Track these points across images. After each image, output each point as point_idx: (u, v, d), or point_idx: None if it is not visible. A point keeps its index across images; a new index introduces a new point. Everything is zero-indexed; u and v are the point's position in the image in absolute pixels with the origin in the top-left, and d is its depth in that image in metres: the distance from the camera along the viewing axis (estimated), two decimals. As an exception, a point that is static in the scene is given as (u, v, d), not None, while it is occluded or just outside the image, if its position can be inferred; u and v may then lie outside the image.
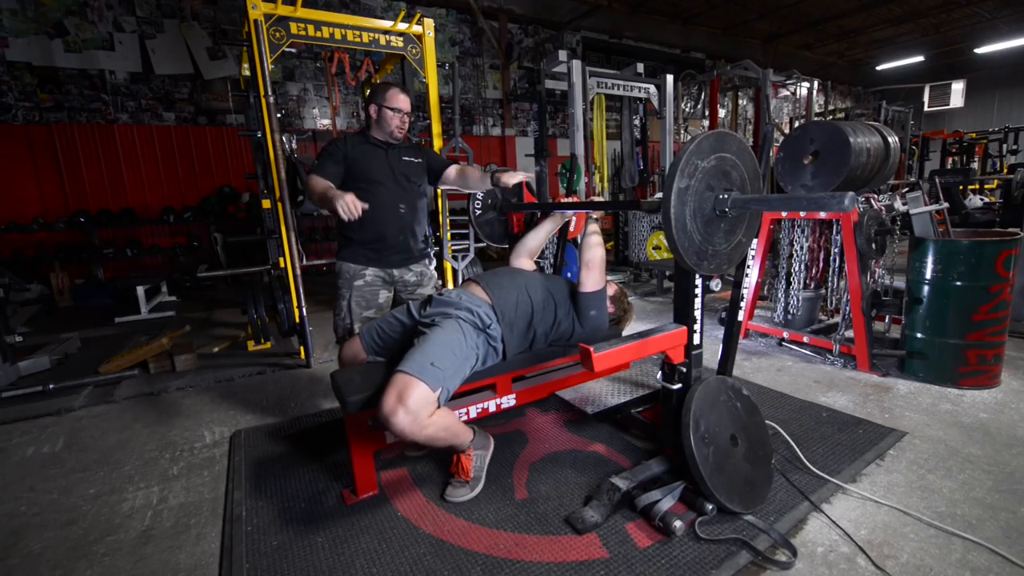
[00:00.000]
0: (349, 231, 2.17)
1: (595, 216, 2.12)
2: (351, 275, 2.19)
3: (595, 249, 1.95)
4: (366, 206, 1.91)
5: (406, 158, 2.25)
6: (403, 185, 2.24)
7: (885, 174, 3.10)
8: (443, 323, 1.74)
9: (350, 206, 1.86)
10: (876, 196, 3.09)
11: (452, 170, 2.35)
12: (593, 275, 1.93)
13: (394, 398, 1.51)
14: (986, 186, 9.55)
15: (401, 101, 2.16)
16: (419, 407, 1.52)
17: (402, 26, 3.26)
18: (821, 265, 3.30)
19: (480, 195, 2.53)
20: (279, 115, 3.02)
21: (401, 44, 3.31)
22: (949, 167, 10.77)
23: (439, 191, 3.65)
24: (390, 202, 2.19)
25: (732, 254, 1.55)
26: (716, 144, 1.40)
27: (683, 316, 1.75)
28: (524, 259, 2.20)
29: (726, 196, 1.41)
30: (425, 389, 1.54)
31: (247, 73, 4.65)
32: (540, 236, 2.23)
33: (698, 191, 1.38)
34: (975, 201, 7.68)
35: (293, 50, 7.18)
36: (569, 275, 2.64)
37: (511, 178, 2.17)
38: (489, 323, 1.80)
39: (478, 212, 2.58)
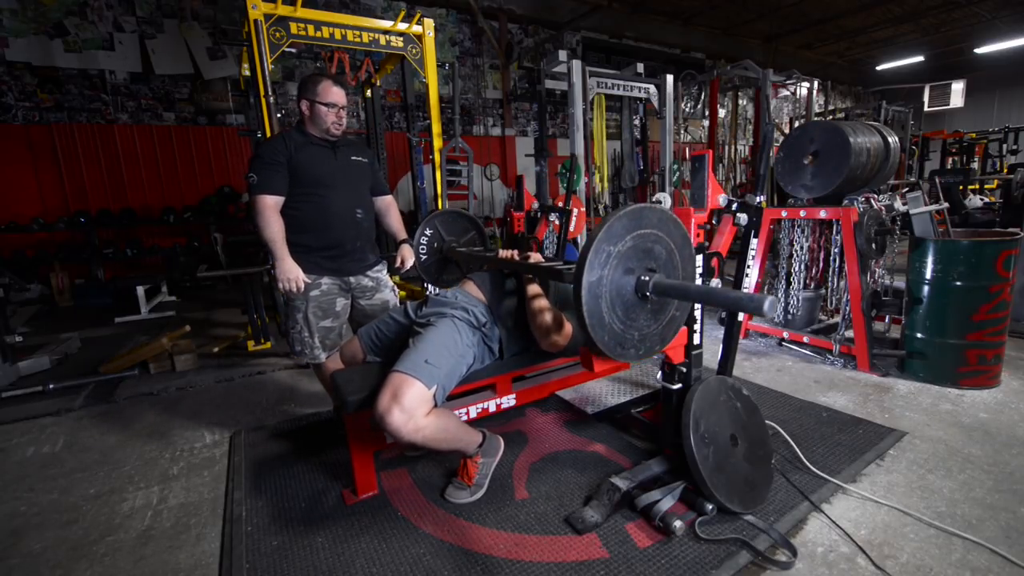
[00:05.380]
0: (302, 239, 2.01)
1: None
2: (306, 285, 2.03)
3: (538, 317, 1.70)
4: (303, 286, 1.96)
5: (355, 158, 2.13)
6: (357, 188, 2.14)
7: (885, 174, 3.10)
8: (438, 322, 1.74)
9: (294, 284, 1.93)
10: (876, 196, 3.09)
11: (383, 201, 2.31)
12: (554, 342, 1.70)
13: (389, 397, 1.50)
14: (986, 186, 9.54)
15: (335, 95, 1.99)
16: (414, 405, 1.51)
17: (402, 26, 3.26)
18: (821, 265, 3.29)
19: (424, 240, 2.43)
20: (279, 115, 3.03)
21: (401, 44, 3.31)
22: (949, 167, 10.76)
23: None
24: (346, 208, 2.08)
25: (664, 332, 1.44)
26: (630, 223, 1.27)
27: (683, 316, 1.75)
28: None
29: (647, 279, 1.31)
30: (420, 387, 1.53)
31: (247, 73, 4.67)
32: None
33: (613, 280, 1.26)
34: (975, 201, 7.68)
35: (293, 50, 7.18)
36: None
37: (408, 257, 2.24)
38: (484, 321, 1.79)
39: (424, 258, 2.41)
